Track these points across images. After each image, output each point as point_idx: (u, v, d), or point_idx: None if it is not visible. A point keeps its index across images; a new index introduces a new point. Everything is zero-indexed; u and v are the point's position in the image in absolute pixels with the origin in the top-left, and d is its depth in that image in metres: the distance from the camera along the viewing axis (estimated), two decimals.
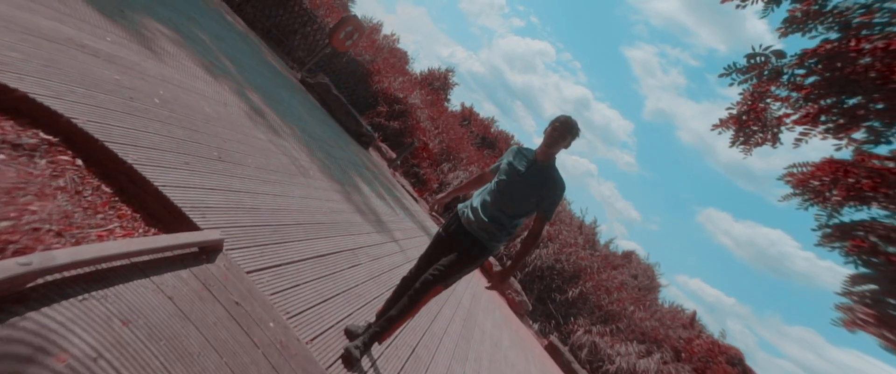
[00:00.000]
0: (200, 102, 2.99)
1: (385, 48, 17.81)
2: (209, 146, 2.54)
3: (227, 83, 4.03)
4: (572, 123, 2.49)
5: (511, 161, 2.59)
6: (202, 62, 3.87)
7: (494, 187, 2.57)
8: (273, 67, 7.30)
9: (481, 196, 2.60)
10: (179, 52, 3.56)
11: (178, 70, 3.17)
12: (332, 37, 9.11)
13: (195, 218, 1.72)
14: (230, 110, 3.43)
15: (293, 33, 9.30)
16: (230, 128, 3.10)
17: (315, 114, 7.14)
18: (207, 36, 4.95)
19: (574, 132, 2.49)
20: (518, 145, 2.72)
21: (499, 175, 2.61)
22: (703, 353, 8.92)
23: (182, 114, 2.62)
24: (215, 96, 3.40)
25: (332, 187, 4.30)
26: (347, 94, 11.15)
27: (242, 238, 2.02)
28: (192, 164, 2.18)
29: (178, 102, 2.72)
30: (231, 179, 2.43)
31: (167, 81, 2.84)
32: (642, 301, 10.59)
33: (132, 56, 2.75)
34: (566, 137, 2.47)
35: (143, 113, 2.22)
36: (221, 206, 2.07)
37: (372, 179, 6.75)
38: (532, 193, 2.49)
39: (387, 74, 13.48)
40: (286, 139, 4.23)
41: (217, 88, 3.60)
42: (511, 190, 2.50)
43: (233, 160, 2.66)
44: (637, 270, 13.29)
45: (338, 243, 3.16)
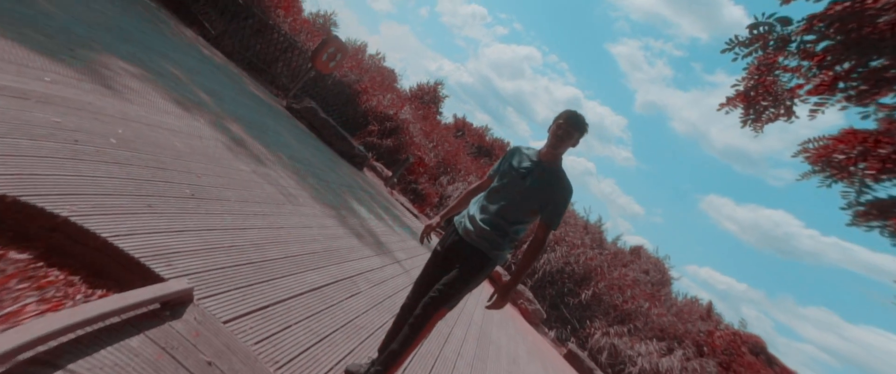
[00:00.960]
0: (170, 138, 2.78)
1: (371, 68, 17.74)
2: (180, 184, 2.34)
3: (204, 116, 3.84)
4: (579, 119, 2.26)
5: (511, 163, 2.36)
6: (174, 97, 3.66)
7: (493, 191, 2.34)
8: (256, 97, 7.13)
9: (479, 203, 2.38)
10: (145, 89, 3.34)
11: (143, 107, 2.96)
12: (314, 60, 8.98)
13: (158, 268, 1.50)
14: (206, 144, 3.23)
15: (275, 61, 9.17)
16: (206, 162, 2.90)
17: (303, 139, 6.96)
18: (181, 70, 4.76)
19: (581, 129, 2.26)
20: (518, 146, 2.51)
21: (498, 179, 2.38)
22: (726, 345, 8.59)
23: (146, 152, 2.41)
24: (189, 130, 3.20)
25: (325, 213, 4.09)
26: (336, 115, 10.99)
27: (220, 282, 1.80)
28: (157, 205, 1.96)
29: (141, 139, 2.51)
30: (207, 216, 2.22)
31: (129, 119, 2.63)
32: (657, 297, 10.31)
33: (82, 96, 2.51)
34: (573, 136, 2.24)
35: (92, 156, 2.00)
36: (193, 248, 1.86)
37: (368, 199, 6.54)
38: (535, 198, 2.25)
39: (375, 92, 13.35)
40: (272, 168, 4.03)
41: (191, 122, 3.40)
42: (512, 195, 2.27)
43: (209, 196, 2.46)
44: (647, 265, 13.03)
45: (333, 272, 2.94)
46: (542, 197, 2.25)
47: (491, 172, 2.53)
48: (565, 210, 2.37)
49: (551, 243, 12.26)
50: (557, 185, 2.27)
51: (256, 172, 3.50)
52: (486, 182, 2.51)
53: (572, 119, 2.24)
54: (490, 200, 2.33)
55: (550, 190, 2.25)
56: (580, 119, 2.27)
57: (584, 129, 2.29)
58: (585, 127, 2.30)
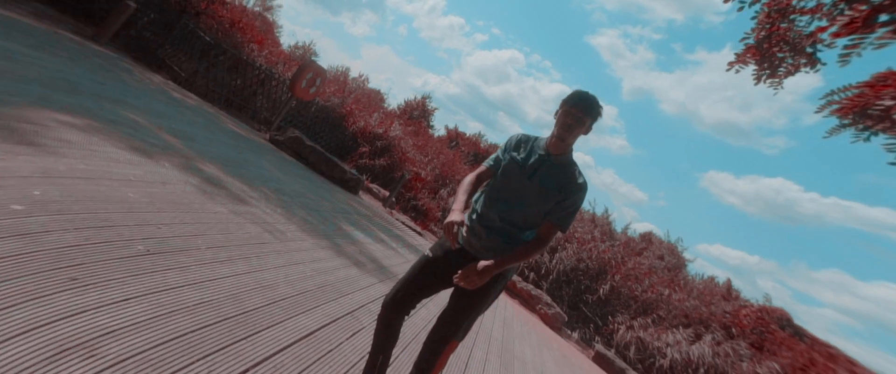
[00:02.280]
0: (121, 190, 2.49)
1: (356, 90, 17.59)
2: (130, 241, 2.04)
3: (171, 160, 3.56)
4: (590, 101, 1.92)
5: (514, 156, 2.04)
6: (132, 144, 3.38)
7: (494, 192, 2.02)
8: (235, 133, 6.88)
9: (480, 205, 2.06)
10: (89, 140, 3.01)
11: (84, 159, 2.65)
12: (293, 88, 8.76)
13: (71, 364, 1.20)
14: (172, 189, 2.94)
15: (253, 95, 8.94)
16: (172, 209, 2.62)
17: (290, 170, 6.69)
18: (143, 116, 4.46)
19: (595, 112, 1.93)
20: (522, 135, 2.15)
21: (501, 175, 2.05)
22: (753, 324, 8.21)
23: (80, 210, 2.08)
24: (149, 178, 2.91)
25: (317, 245, 3.81)
26: (324, 142, 10.75)
27: (176, 356, 1.50)
28: (85, 278, 1.62)
29: (74, 197, 2.17)
30: (166, 273, 1.93)
31: (53, 176, 2.26)
32: (675, 282, 9.96)
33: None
34: (584, 122, 1.91)
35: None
36: (139, 319, 1.55)
37: (366, 223, 6.26)
38: (545, 199, 1.94)
39: (361, 113, 13.15)
40: (255, 204, 3.76)
41: (153, 169, 3.11)
42: (517, 196, 1.96)
43: (170, 248, 2.17)
44: (661, 250, 12.70)
45: (331, 311, 2.65)
46: (553, 197, 1.94)
47: (490, 161, 2.17)
48: (578, 210, 2.03)
49: (560, 240, 11.95)
50: (570, 183, 1.95)
51: (235, 212, 3.22)
52: (486, 172, 2.15)
53: (583, 102, 1.90)
54: (492, 202, 2.01)
55: (562, 189, 1.94)
56: (591, 101, 1.93)
57: (597, 112, 1.94)
58: (599, 109, 1.96)
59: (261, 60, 9.70)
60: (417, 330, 3.34)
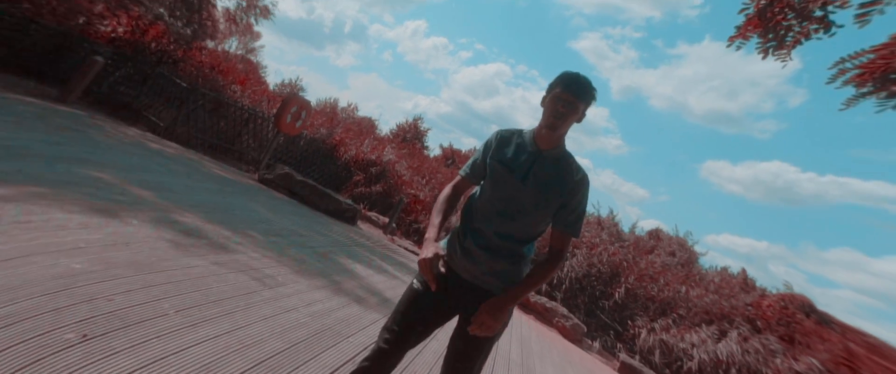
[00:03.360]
0: (62, 262, 2.17)
1: (346, 120, 17.53)
2: (60, 328, 1.70)
3: (141, 216, 3.31)
4: (582, 83, 1.66)
5: (499, 158, 1.76)
6: (91, 205, 3.10)
7: (486, 204, 1.75)
8: (220, 178, 6.66)
9: (470, 221, 1.78)
10: (29, 209, 2.65)
11: (10, 236, 2.25)
12: (278, 124, 8.60)
13: None
14: (137, 249, 2.68)
15: (238, 136, 8.78)
16: (132, 274, 2.36)
17: (282, 208, 6.47)
18: (110, 172, 4.20)
19: (589, 96, 1.66)
20: (501, 131, 1.88)
21: (490, 183, 1.77)
22: (778, 314, 7.80)
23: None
24: (107, 241, 2.64)
25: (313, 285, 3.57)
26: (317, 174, 10.56)
27: None
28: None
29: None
30: (109, 358, 1.64)
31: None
32: (690, 277, 9.63)
33: None
34: (578, 107, 1.65)
35: None
36: None
37: (366, 254, 6.01)
38: (545, 202, 1.68)
39: (352, 141, 12.99)
40: (241, 251, 3.52)
41: (116, 229, 2.85)
42: (513, 205, 1.70)
43: (122, 324, 1.88)
44: (671, 246, 12.40)
45: (329, 360, 2.40)
46: (554, 200, 1.69)
47: (467, 169, 1.90)
48: (586, 209, 1.77)
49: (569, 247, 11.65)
50: (570, 179, 1.70)
51: (217, 263, 2.98)
52: (463, 183, 1.89)
53: (575, 85, 1.64)
54: (486, 216, 1.74)
55: (562, 188, 1.69)
56: (584, 83, 1.66)
57: (591, 95, 1.68)
58: (593, 92, 1.69)
59: (245, 101, 9.57)
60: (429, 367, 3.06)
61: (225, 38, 15.17)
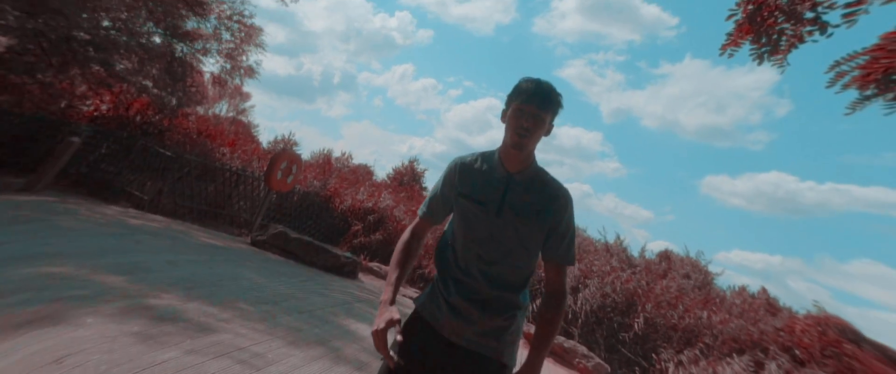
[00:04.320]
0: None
1: (341, 170, 17.46)
2: None
3: (101, 310, 2.97)
4: (547, 91, 1.45)
5: (464, 192, 1.53)
6: (22, 316, 2.61)
7: (460, 246, 1.52)
8: (209, 246, 6.38)
9: (448, 270, 1.54)
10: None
11: None
12: (268, 182, 8.42)
13: None
14: (76, 362, 2.29)
15: (228, 199, 8.59)
16: None
17: (276, 270, 6.18)
18: (73, 262, 3.81)
19: (554, 105, 1.46)
20: (461, 159, 1.64)
21: (456, 221, 1.55)
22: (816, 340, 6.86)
23: None
24: (35, 361, 2.18)
25: (309, 357, 3.26)
26: (312, 229, 10.31)
27: None
28: None
29: None
30: None
31: None
32: (710, 301, 9.18)
33: None
34: (544, 119, 1.45)
35: None
36: None
37: (369, 311, 5.67)
38: (528, 234, 1.46)
39: (348, 190, 12.82)
40: (226, 329, 3.23)
41: (66, 334, 2.47)
42: (494, 246, 1.47)
43: None
44: (684, 267, 11.99)
45: None
46: (538, 228, 1.47)
47: (425, 207, 1.66)
48: (575, 230, 1.55)
49: (579, 278, 11.25)
50: (550, 200, 1.49)
51: (194, 351, 2.69)
52: (423, 224, 1.66)
53: (537, 96, 1.43)
54: (464, 262, 1.50)
55: (545, 214, 1.47)
56: (546, 91, 1.45)
57: (557, 103, 1.48)
58: (559, 99, 1.49)
59: (235, 162, 9.44)
60: None
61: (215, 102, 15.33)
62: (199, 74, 9.57)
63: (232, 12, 9.73)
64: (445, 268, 1.55)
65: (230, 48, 9.78)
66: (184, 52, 8.23)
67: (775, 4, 3.22)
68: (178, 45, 8.01)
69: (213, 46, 9.36)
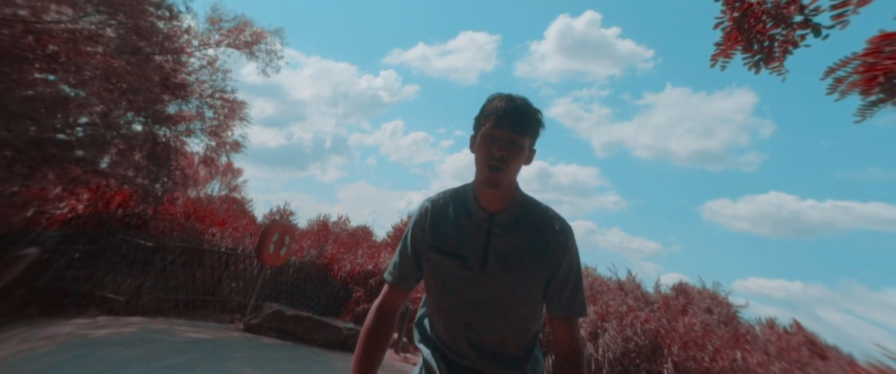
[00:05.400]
0: None
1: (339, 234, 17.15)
2: None
3: None
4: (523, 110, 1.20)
5: (440, 244, 1.26)
6: None
7: (442, 314, 1.24)
8: (194, 342, 5.92)
9: (435, 348, 1.26)
10: None
11: None
12: (260, 257, 8.07)
13: None
14: None
15: (219, 283, 8.21)
16: None
17: (271, 357, 5.73)
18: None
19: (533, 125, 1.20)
20: (428, 203, 1.37)
21: (432, 281, 1.28)
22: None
23: None
24: None
25: None
26: (311, 302, 9.86)
27: None
28: None
29: None
30: None
31: None
32: (739, 338, 8.56)
33: None
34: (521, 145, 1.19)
35: None
36: None
37: None
38: (522, 287, 1.18)
39: (346, 255, 12.44)
40: None
41: None
42: (481, 309, 1.19)
43: None
44: (703, 301, 11.43)
45: None
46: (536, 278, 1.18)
47: (393, 271, 1.37)
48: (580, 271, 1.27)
49: (597, 323, 10.65)
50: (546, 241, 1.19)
51: None
52: (394, 294, 1.36)
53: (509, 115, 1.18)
54: (451, 336, 1.22)
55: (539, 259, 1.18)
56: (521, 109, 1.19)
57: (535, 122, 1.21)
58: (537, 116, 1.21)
59: (226, 242, 9.13)
60: None
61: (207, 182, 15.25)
62: (185, 156, 9.45)
63: (214, 90, 9.76)
64: (434, 349, 1.25)
65: (214, 125, 9.73)
66: (167, 136, 8.13)
67: (762, 9, 3.06)
68: (161, 130, 7.92)
69: (197, 126, 9.30)
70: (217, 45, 10.21)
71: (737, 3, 3.12)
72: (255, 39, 10.87)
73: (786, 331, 7.07)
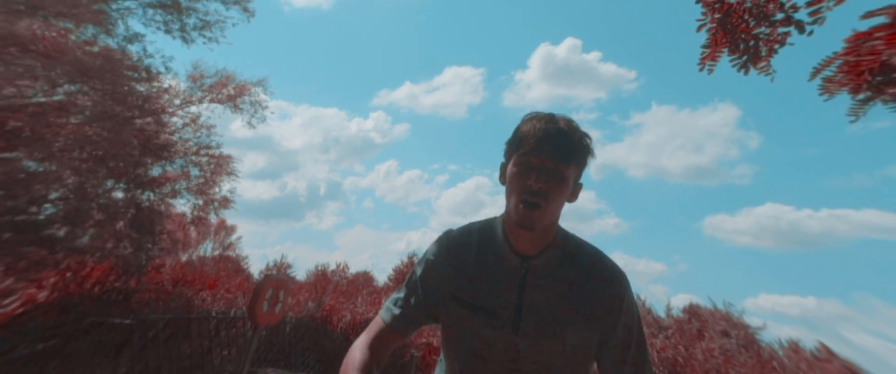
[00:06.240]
0: None
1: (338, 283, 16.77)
2: None
3: None
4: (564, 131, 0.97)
5: (463, 294, 1.02)
6: None
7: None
8: None
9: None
10: None
11: None
12: (253, 318, 7.66)
13: None
14: None
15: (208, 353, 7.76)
16: None
17: None
18: None
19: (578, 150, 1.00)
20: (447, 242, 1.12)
21: (448, 338, 1.07)
22: None
23: None
24: None
25: None
26: (311, 359, 9.46)
27: None
28: None
29: None
30: None
31: None
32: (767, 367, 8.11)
33: None
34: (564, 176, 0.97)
35: None
36: None
37: None
38: (568, 352, 0.95)
39: (345, 305, 12.04)
40: None
41: None
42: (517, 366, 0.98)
43: None
44: (718, 323, 11.03)
45: None
46: (584, 340, 0.96)
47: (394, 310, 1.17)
48: (642, 328, 1.10)
49: None
50: (598, 296, 0.97)
51: None
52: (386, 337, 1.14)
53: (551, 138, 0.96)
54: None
55: (590, 317, 0.96)
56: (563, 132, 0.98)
57: (584, 149, 0.99)
58: (585, 141, 1.01)
59: (218, 305, 8.75)
60: None
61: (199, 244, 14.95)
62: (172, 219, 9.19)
63: (198, 147, 9.62)
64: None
65: (200, 183, 9.53)
66: (151, 200, 7.89)
67: (743, 8, 2.99)
68: (144, 195, 7.68)
69: (183, 185, 9.08)
70: (200, 102, 10.15)
71: (717, 4, 3.02)
72: (239, 92, 10.83)
73: (814, 356, 6.55)
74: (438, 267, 1.12)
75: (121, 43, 7.59)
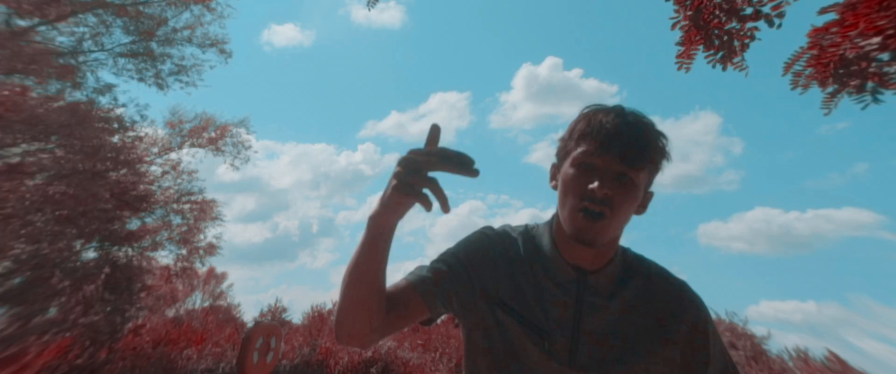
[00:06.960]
0: None
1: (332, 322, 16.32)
2: None
3: None
4: (637, 128, 0.79)
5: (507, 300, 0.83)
6: None
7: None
8: None
9: None
10: None
11: None
12: (243, 370, 7.29)
13: None
14: None
15: None
16: None
17: None
18: None
19: (655, 151, 0.82)
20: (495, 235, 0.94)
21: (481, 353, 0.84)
22: None
23: None
24: None
25: None
26: None
27: None
28: None
29: None
30: None
31: None
32: None
33: None
34: (635, 182, 0.79)
35: None
36: None
37: None
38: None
39: (340, 347, 11.63)
40: None
41: None
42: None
43: None
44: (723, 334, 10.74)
45: None
46: (657, 368, 0.80)
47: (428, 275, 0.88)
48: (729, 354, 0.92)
49: None
50: (672, 318, 0.81)
51: None
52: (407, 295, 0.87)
53: (621, 137, 0.78)
54: None
55: (663, 346, 0.79)
56: (636, 129, 0.80)
57: (660, 151, 0.83)
58: (661, 141, 0.84)
59: (206, 360, 8.32)
60: None
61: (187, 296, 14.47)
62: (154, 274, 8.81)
63: (180, 194, 9.35)
64: None
65: (183, 231, 9.22)
66: (129, 256, 7.55)
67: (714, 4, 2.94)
68: (121, 251, 7.34)
69: (164, 236, 8.77)
70: (180, 148, 9.93)
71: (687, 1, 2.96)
72: (220, 135, 10.62)
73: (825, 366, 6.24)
74: (486, 256, 0.90)
75: (90, 95, 7.42)
